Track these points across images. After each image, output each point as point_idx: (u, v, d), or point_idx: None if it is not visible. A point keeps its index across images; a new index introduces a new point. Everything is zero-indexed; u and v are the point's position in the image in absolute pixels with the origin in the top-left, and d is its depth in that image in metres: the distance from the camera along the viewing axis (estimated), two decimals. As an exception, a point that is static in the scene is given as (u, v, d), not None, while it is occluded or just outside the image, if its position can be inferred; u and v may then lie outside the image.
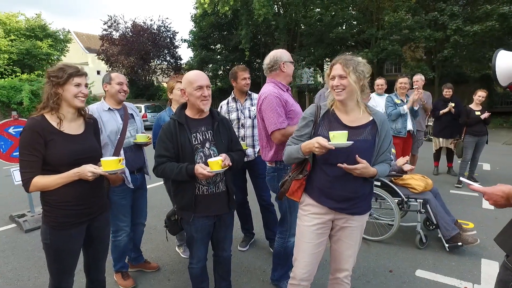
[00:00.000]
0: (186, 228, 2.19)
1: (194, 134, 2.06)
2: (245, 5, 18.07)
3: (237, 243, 3.47)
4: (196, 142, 2.05)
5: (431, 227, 3.34)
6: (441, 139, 5.98)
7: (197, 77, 2.01)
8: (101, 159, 1.79)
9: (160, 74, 26.35)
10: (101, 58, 23.66)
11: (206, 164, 1.94)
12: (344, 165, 1.63)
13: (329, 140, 1.61)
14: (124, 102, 2.73)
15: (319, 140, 1.60)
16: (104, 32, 23.63)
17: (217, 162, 1.89)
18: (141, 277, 2.91)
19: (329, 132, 1.62)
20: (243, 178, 3.35)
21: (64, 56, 23.54)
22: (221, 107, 3.32)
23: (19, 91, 15.89)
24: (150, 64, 25.23)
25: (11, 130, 4.35)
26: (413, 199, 3.19)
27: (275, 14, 18.87)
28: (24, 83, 16.40)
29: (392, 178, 3.33)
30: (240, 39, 19.10)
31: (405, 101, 4.49)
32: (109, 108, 2.54)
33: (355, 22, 18.66)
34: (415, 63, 16.91)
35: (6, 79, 18.03)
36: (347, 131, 1.61)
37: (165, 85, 29.79)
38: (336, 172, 1.69)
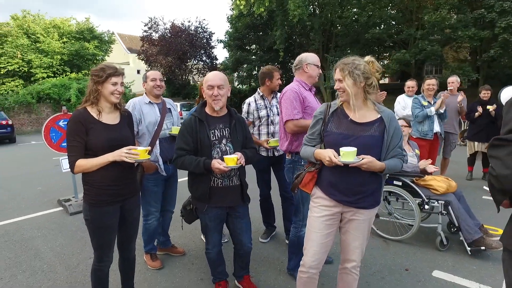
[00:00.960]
0: (201, 217, 2.37)
1: (213, 131, 2.23)
2: (281, 5, 18.18)
3: (259, 235, 3.64)
4: (214, 138, 2.22)
5: (452, 229, 3.28)
6: (476, 143, 5.73)
7: (211, 76, 2.19)
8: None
9: (196, 73, 27.18)
10: (141, 58, 24.88)
11: (222, 159, 2.12)
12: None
13: (339, 154, 1.74)
14: (163, 98, 3.00)
15: (330, 155, 1.75)
16: (145, 33, 24.81)
17: (233, 159, 2.07)
18: (168, 260, 3.17)
19: (340, 149, 1.74)
20: (268, 173, 3.50)
21: (108, 56, 25.09)
22: (249, 104, 3.40)
23: (68, 89, 17.26)
24: (187, 64, 26.10)
25: (61, 123, 4.85)
26: (435, 200, 3.17)
27: (311, 14, 18.78)
28: (73, 81, 17.80)
29: (414, 179, 3.32)
30: (275, 40, 19.25)
31: (432, 103, 4.40)
32: (149, 102, 2.83)
33: (393, 22, 18.09)
34: (456, 64, 16.05)
35: (58, 78, 19.65)
36: (356, 149, 1.72)
37: (200, 84, 30.55)
38: (344, 166, 1.79)
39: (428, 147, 4.36)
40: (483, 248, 2.98)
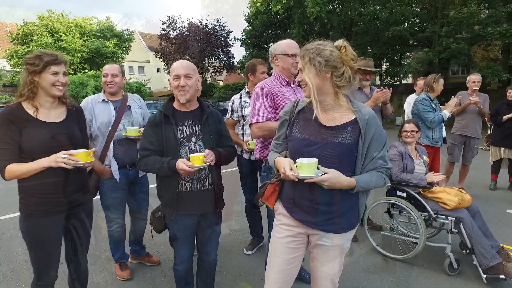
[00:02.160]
0: (169, 226, 2.08)
1: (180, 127, 1.96)
2: (298, 3, 17.71)
3: (244, 246, 3.30)
4: (182, 136, 1.95)
5: (464, 251, 2.81)
6: (502, 149, 5.12)
7: (177, 65, 1.91)
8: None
9: (213, 72, 27.05)
10: (159, 56, 25.06)
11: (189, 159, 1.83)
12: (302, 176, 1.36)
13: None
14: (129, 94, 2.70)
15: (286, 166, 1.39)
16: (163, 32, 24.96)
17: (199, 158, 1.78)
18: (139, 270, 2.90)
19: (296, 160, 1.38)
20: (254, 179, 3.16)
21: (128, 54, 25.46)
22: (233, 101, 3.13)
23: (85, 86, 17.57)
24: (204, 62, 26.04)
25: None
26: (444, 216, 2.71)
27: (330, 12, 18.20)
28: (90, 78, 18.10)
29: (420, 190, 2.87)
30: (292, 38, 18.78)
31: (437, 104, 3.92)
32: (103, 100, 2.52)
33: (417, 20, 17.18)
34: (485, 63, 14.98)
35: (76, 75, 20.09)
36: (316, 160, 1.36)
37: (221, 83, 30.58)
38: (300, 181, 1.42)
39: (433, 153, 3.88)
40: (502, 276, 2.48)
